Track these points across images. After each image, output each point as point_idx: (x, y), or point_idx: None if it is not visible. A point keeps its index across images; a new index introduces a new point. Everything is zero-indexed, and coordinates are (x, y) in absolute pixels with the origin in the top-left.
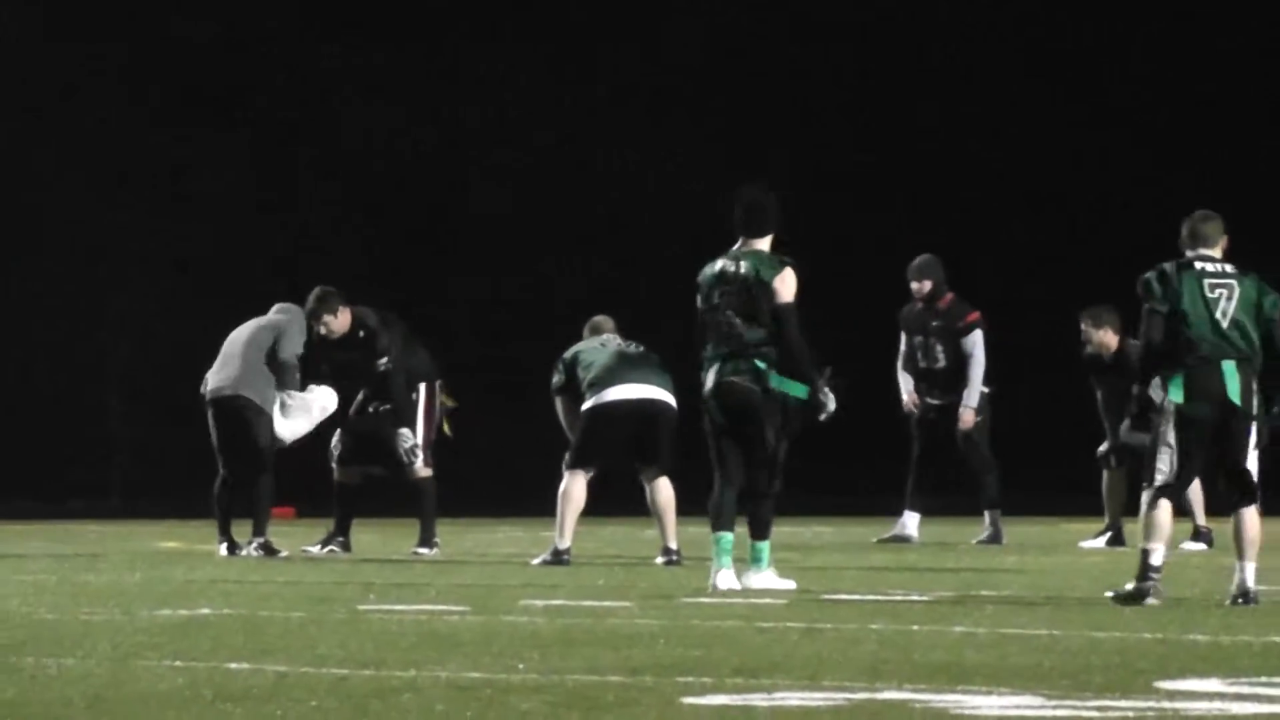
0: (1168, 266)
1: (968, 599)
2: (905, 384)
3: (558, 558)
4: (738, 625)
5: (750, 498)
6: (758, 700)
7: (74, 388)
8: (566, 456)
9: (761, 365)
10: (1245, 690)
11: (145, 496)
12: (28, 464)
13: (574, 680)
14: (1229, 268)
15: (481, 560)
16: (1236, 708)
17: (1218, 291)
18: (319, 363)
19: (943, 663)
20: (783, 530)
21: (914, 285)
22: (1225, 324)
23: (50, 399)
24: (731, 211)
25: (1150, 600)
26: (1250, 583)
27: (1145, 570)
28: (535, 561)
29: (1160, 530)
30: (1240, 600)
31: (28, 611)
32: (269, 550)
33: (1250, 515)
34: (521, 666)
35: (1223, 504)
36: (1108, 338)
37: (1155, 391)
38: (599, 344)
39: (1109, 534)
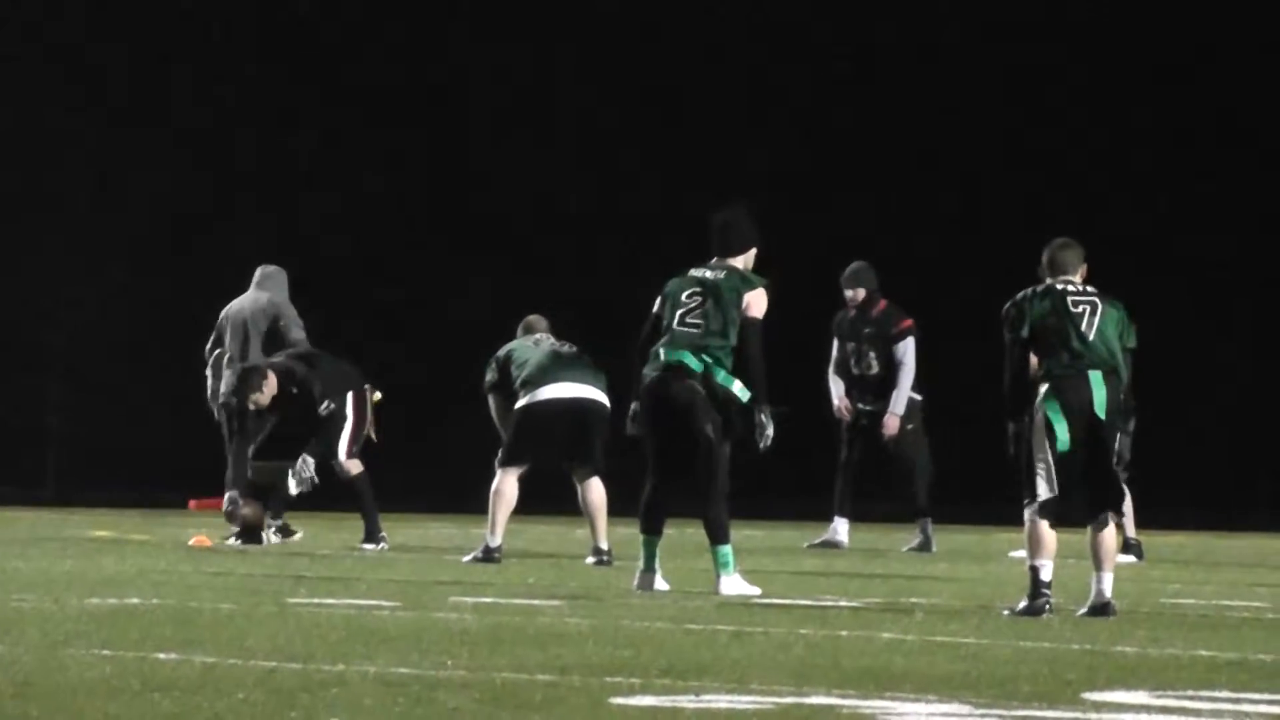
0: (1025, 293)
1: (897, 606)
2: (836, 389)
3: (488, 555)
4: (666, 627)
5: (702, 501)
6: (685, 702)
7: (9, 375)
8: (499, 454)
9: (708, 359)
10: (1172, 703)
11: (79, 485)
12: None
13: (502, 678)
14: (1091, 289)
15: (413, 556)
16: None
17: (1081, 307)
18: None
19: (870, 669)
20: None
21: (847, 293)
22: (1091, 335)
23: None
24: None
25: (1046, 616)
26: (1109, 593)
27: (1037, 587)
28: (466, 559)
29: (1045, 546)
30: (1099, 611)
31: None
32: (286, 533)
33: (1111, 527)
34: (450, 663)
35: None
36: None
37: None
38: (532, 343)
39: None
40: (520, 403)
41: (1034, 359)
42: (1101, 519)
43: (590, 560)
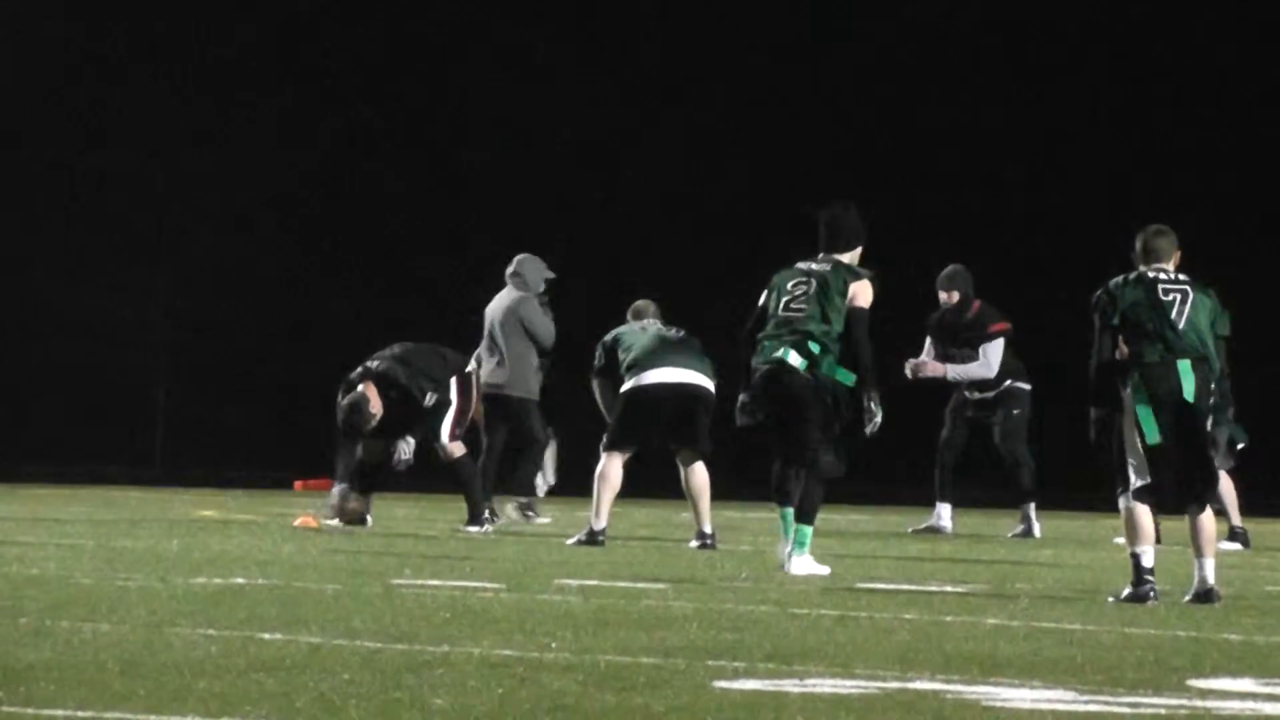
0: (1116, 280)
1: (1002, 591)
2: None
3: (593, 538)
4: (771, 610)
5: (803, 476)
6: (789, 686)
7: (117, 355)
8: (604, 438)
9: (815, 349)
10: (1278, 690)
11: (186, 464)
12: (65, 429)
13: (606, 660)
14: (1183, 277)
15: (517, 538)
16: (1269, 708)
17: (1171, 295)
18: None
19: (975, 654)
20: (819, 517)
21: (942, 295)
22: (1181, 324)
23: (95, 366)
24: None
25: (1151, 603)
26: (1211, 580)
27: (1139, 574)
28: (571, 541)
29: (1144, 532)
30: (1203, 598)
31: (64, 575)
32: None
33: (1209, 513)
34: (554, 645)
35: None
36: None
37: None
38: (640, 327)
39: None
40: (626, 386)
41: (1122, 346)
42: (1197, 505)
43: (694, 544)
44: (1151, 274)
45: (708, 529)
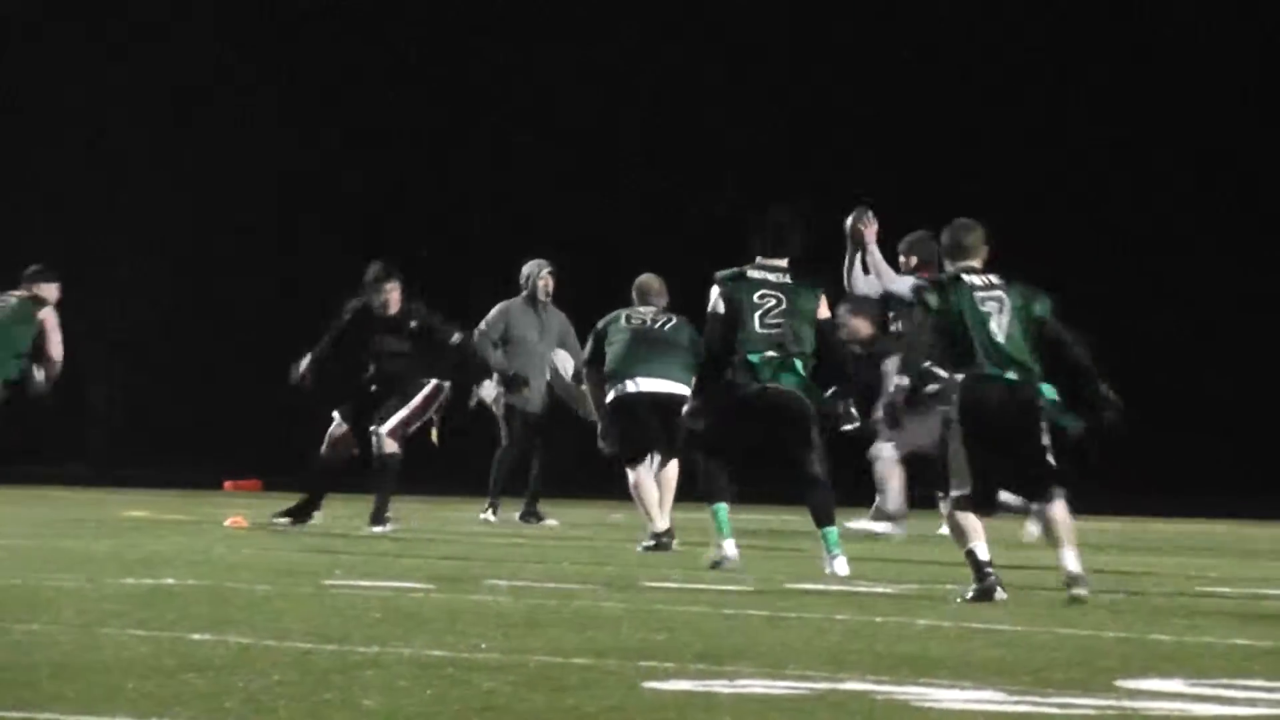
0: (942, 278)
1: (933, 592)
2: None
3: (660, 542)
4: (703, 611)
5: (809, 487)
6: (720, 687)
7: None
8: (619, 454)
9: (800, 366)
10: (1207, 691)
11: (118, 465)
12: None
13: (537, 661)
14: (994, 279)
15: (449, 538)
16: (1198, 709)
17: (989, 305)
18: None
19: (906, 655)
20: (749, 518)
21: (901, 259)
22: (1000, 337)
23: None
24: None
25: (999, 595)
26: (1074, 567)
27: (980, 570)
28: (640, 549)
29: (972, 530)
30: (1073, 586)
31: None
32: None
33: (1059, 505)
34: (485, 646)
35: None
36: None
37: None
38: (624, 319)
39: None
40: (609, 396)
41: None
42: (1042, 503)
43: (647, 544)
44: (966, 278)
45: (664, 525)
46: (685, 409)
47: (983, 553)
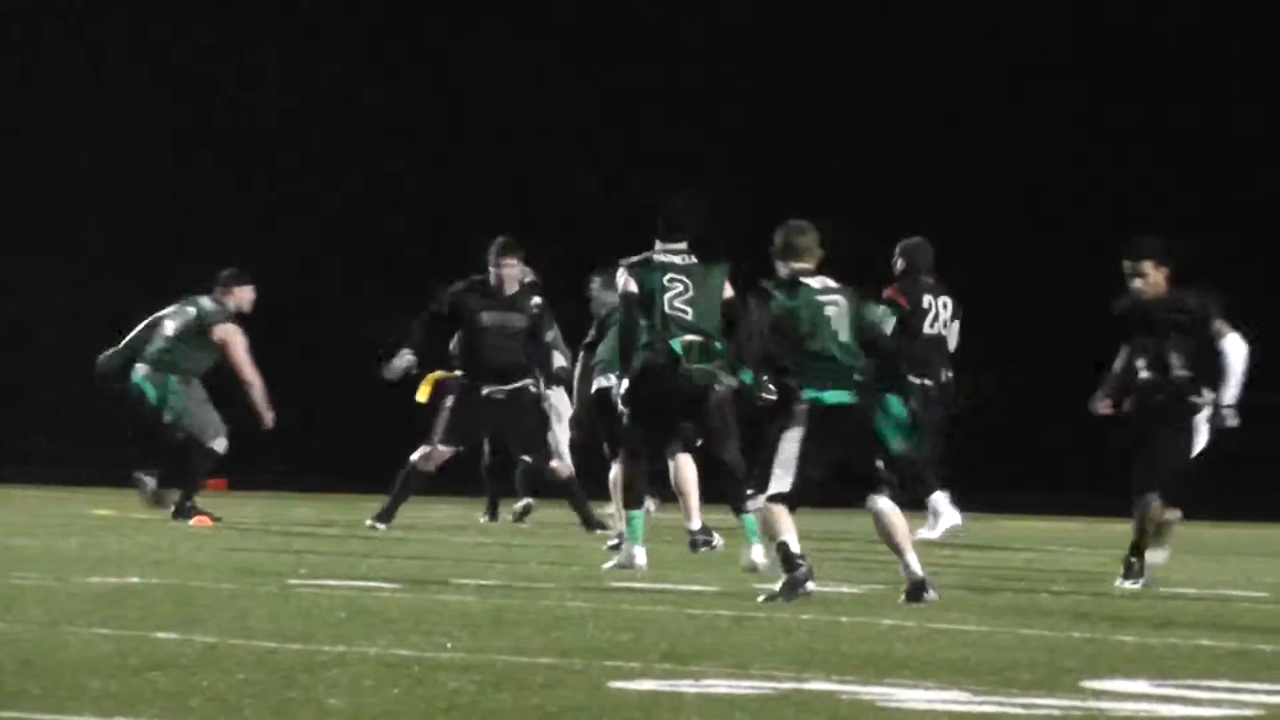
0: (785, 279)
1: (899, 592)
2: None
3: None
4: (667, 611)
5: (728, 476)
6: (685, 686)
7: (9, 347)
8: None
9: (717, 346)
10: (1172, 692)
11: (76, 463)
12: None
13: (503, 660)
14: (830, 283)
15: (416, 537)
16: (1163, 709)
17: (829, 310)
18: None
19: (871, 655)
20: (717, 519)
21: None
22: (841, 336)
23: None
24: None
25: (810, 585)
26: (919, 571)
27: (791, 561)
28: (607, 546)
29: (783, 522)
30: (914, 595)
31: None
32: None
33: (884, 506)
34: (450, 645)
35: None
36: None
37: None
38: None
39: None
40: (598, 384)
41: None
42: (875, 496)
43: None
44: (805, 280)
45: (696, 525)
46: (619, 395)
47: (794, 545)
